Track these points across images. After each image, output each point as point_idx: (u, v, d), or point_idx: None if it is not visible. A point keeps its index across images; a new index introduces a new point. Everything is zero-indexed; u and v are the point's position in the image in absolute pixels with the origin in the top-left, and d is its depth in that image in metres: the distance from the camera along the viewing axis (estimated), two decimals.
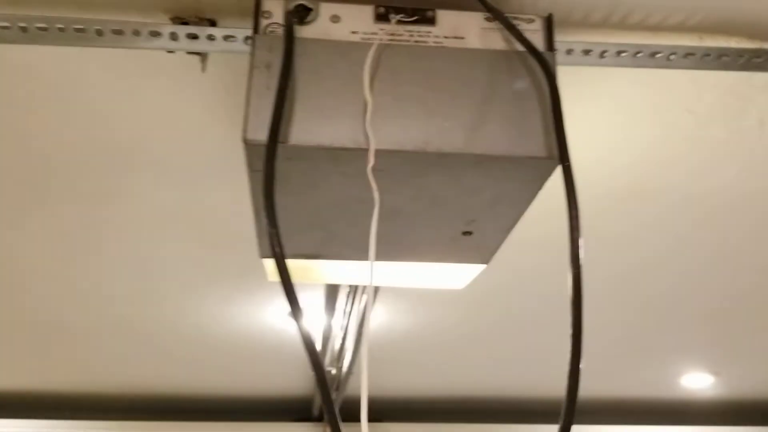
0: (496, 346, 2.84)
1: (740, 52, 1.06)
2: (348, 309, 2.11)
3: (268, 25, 0.82)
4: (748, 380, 3.40)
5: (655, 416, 3.78)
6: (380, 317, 2.47)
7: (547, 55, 0.85)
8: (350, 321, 2.15)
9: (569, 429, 0.70)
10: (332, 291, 2.05)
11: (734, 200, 1.63)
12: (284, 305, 2.48)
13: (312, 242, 1.02)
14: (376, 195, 0.75)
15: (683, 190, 1.59)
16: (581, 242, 0.74)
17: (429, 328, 2.59)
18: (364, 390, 0.65)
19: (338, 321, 2.24)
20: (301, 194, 0.88)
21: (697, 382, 3.37)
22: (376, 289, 1.88)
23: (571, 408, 0.71)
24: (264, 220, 0.69)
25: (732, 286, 2.23)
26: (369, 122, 0.77)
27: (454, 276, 1.20)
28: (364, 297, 1.86)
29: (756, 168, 1.48)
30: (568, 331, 0.75)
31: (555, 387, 3.44)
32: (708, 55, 1.05)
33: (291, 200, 0.89)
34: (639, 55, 1.04)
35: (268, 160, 0.70)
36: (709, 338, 2.81)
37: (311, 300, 2.27)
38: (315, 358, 0.65)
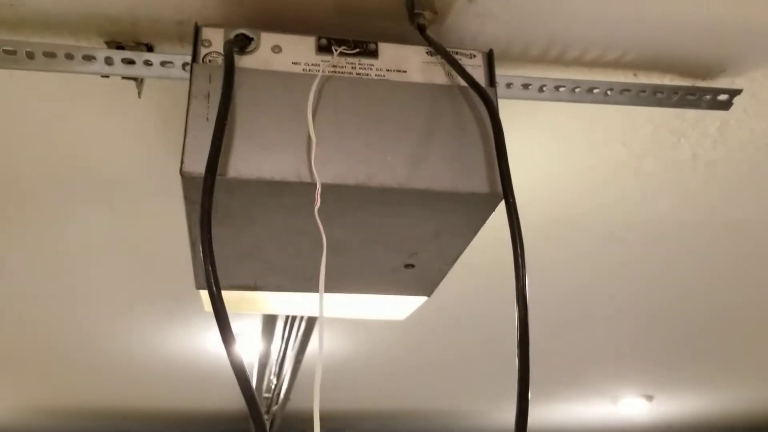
0: (436, 371, 2.84)
1: (674, 89, 1.09)
2: (285, 335, 2.08)
3: (207, 54, 0.80)
4: (679, 405, 3.50)
5: None
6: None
7: (489, 91, 0.85)
8: (288, 347, 2.12)
9: None
10: (270, 317, 2.01)
11: (668, 232, 1.68)
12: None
13: (250, 273, 1.00)
14: (323, 236, 0.73)
15: (618, 221, 1.62)
16: (527, 279, 0.74)
17: (367, 352, 2.58)
18: None
19: (276, 346, 2.21)
20: (240, 226, 0.85)
21: (632, 407, 3.45)
22: (317, 319, 1.85)
23: None
24: (200, 255, 0.67)
25: (664, 315, 2.29)
26: (314, 162, 0.76)
27: (395, 307, 1.19)
28: (302, 325, 1.84)
29: (690, 200, 1.53)
30: (505, 357, 0.75)
31: (487, 412, 3.46)
32: (643, 91, 1.08)
33: (229, 232, 0.86)
34: (577, 90, 1.06)
35: (206, 194, 0.68)
36: (644, 365, 2.87)
37: (249, 325, 2.23)
38: (249, 395, 0.63)
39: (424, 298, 1.13)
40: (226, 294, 1.03)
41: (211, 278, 0.64)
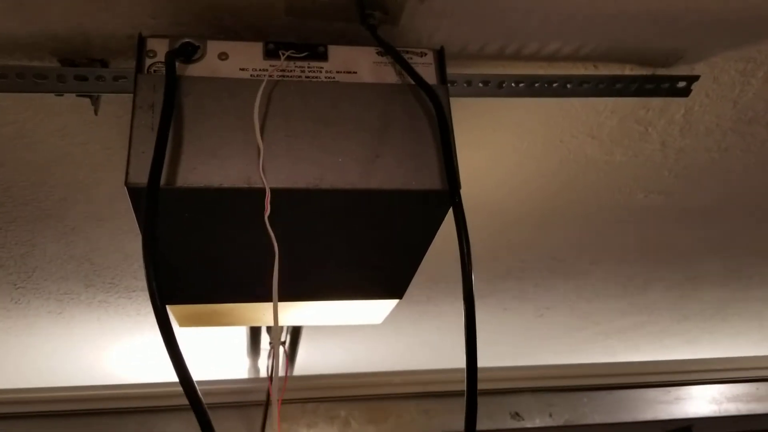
0: None
1: (633, 79, 1.09)
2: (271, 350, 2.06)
3: (152, 65, 0.79)
4: None
5: None
6: (306, 354, 2.43)
7: (438, 88, 0.85)
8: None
9: None
10: (255, 332, 2.00)
11: (642, 221, 1.68)
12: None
13: (206, 286, 0.98)
14: (275, 245, 0.73)
15: (592, 213, 1.62)
16: (473, 277, 0.73)
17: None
18: None
19: (263, 362, 2.19)
20: (192, 237, 0.84)
21: None
22: (300, 328, 1.85)
23: None
24: (144, 269, 0.66)
25: (640, 314, 2.31)
26: (263, 167, 0.75)
27: (369, 312, 1.18)
28: (288, 336, 1.83)
29: (662, 189, 1.52)
30: None
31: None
32: (602, 82, 1.08)
33: (180, 243, 0.86)
34: (536, 85, 1.06)
35: (149, 204, 0.67)
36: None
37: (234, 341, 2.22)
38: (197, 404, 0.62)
39: (396, 301, 1.12)
40: (182, 308, 1.02)
41: (155, 292, 0.63)
